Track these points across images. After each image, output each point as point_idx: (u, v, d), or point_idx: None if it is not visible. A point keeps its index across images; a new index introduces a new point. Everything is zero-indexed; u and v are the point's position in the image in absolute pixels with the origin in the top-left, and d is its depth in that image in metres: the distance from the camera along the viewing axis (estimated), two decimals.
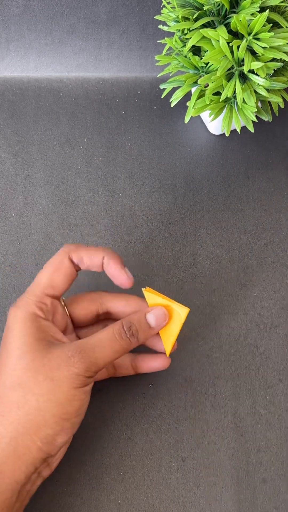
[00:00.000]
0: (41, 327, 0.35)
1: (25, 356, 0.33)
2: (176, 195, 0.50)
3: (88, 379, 0.34)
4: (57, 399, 0.32)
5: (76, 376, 0.33)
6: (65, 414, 0.32)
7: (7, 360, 0.34)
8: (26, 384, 0.32)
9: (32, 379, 0.32)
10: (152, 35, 0.55)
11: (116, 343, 0.35)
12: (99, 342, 0.34)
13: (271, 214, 0.49)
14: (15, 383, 0.33)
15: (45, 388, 0.32)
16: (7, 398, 0.32)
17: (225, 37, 0.39)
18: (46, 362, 0.33)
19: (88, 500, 0.38)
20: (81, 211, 0.49)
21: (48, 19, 0.55)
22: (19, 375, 0.33)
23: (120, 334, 0.35)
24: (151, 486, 0.39)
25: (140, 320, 0.36)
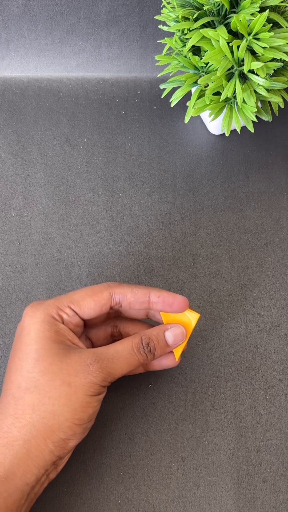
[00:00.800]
0: (59, 331, 0.35)
1: (43, 359, 0.33)
2: (176, 195, 0.50)
3: (103, 388, 0.34)
4: (73, 404, 0.33)
5: (93, 385, 0.33)
6: (78, 420, 0.33)
7: (24, 362, 0.34)
8: (42, 387, 0.33)
9: (49, 382, 0.33)
10: (152, 35, 0.55)
11: (133, 358, 0.35)
12: (118, 354, 0.35)
13: (271, 214, 0.49)
14: (31, 385, 0.33)
15: (61, 392, 0.32)
16: (23, 400, 0.33)
17: (225, 37, 0.39)
18: (64, 367, 0.33)
19: (88, 500, 0.38)
20: (81, 211, 0.49)
21: (48, 19, 0.55)
22: (36, 378, 0.33)
23: (138, 348, 0.35)
24: (151, 486, 0.39)
25: (158, 336, 0.37)
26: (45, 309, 0.35)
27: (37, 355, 0.33)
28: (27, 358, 0.34)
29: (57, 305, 0.36)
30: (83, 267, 0.47)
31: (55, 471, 0.34)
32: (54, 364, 0.33)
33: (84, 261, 0.47)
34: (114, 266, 0.47)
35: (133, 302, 0.37)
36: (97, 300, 0.36)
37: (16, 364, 0.34)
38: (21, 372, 0.33)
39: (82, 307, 0.36)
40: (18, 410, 0.32)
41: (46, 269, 0.47)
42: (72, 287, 0.46)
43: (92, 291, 0.37)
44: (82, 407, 0.33)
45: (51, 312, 0.35)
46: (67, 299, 0.36)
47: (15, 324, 0.44)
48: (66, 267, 0.47)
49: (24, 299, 0.45)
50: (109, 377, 0.34)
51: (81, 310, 0.36)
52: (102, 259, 0.47)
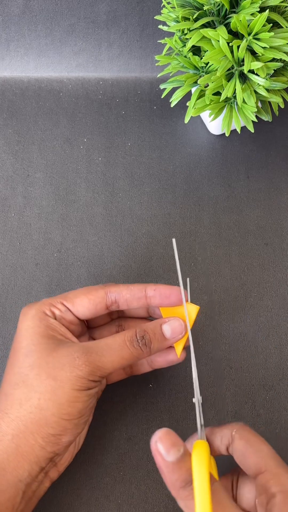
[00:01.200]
0: (49, 326, 0.34)
1: (32, 354, 0.33)
2: (176, 195, 0.50)
3: (92, 383, 0.33)
4: (58, 399, 0.32)
5: (79, 379, 0.32)
6: (65, 415, 0.32)
7: (14, 358, 0.34)
8: (29, 381, 0.32)
9: (36, 376, 0.32)
10: (152, 35, 0.55)
11: (126, 350, 0.34)
12: (108, 346, 0.33)
13: (271, 214, 0.49)
14: (19, 380, 0.33)
15: (47, 386, 0.32)
16: (11, 395, 0.32)
17: (225, 37, 0.39)
18: (51, 361, 0.32)
19: (88, 500, 0.38)
20: (81, 211, 0.49)
21: (48, 19, 0.55)
22: (25, 373, 0.33)
23: (131, 341, 0.34)
24: (151, 486, 0.39)
25: (155, 329, 0.35)
26: (37, 306, 0.35)
27: (26, 350, 0.33)
28: (18, 354, 0.34)
29: (49, 302, 0.36)
30: (83, 267, 0.47)
31: (55, 470, 0.34)
32: (42, 358, 0.33)
33: (84, 261, 0.47)
34: (114, 266, 0.47)
35: (130, 299, 0.36)
36: (91, 298, 0.36)
37: (9, 361, 0.34)
38: (12, 368, 0.33)
39: (75, 304, 0.36)
40: (7, 405, 0.32)
41: (46, 269, 0.47)
42: (72, 287, 0.46)
43: (86, 290, 0.36)
44: (69, 401, 0.32)
45: (42, 308, 0.35)
46: (61, 296, 0.36)
47: (15, 324, 0.44)
48: (66, 267, 0.47)
49: (24, 299, 0.45)
50: (97, 371, 0.32)
51: (74, 307, 0.36)
52: (102, 259, 0.47)
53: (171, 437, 0.30)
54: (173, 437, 0.30)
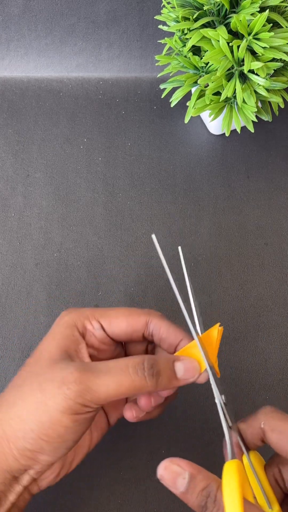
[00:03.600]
0: (70, 337, 0.32)
1: (39, 360, 0.32)
2: (176, 195, 0.50)
3: (80, 407, 0.29)
4: (40, 416, 0.29)
5: (65, 399, 0.28)
6: (44, 436, 0.29)
7: (28, 359, 0.33)
8: (23, 388, 0.30)
9: (29, 384, 0.30)
10: (152, 35, 0.55)
11: (126, 377, 0.29)
12: (107, 368, 0.29)
13: (271, 214, 0.49)
14: (17, 383, 0.31)
15: (34, 397, 0.29)
16: (4, 395, 0.31)
17: (225, 37, 0.39)
18: (48, 372, 0.30)
19: (88, 500, 0.38)
20: (81, 211, 0.49)
21: (48, 19, 0.55)
22: (24, 377, 0.31)
23: (135, 368, 0.29)
24: (151, 486, 0.39)
25: (167, 364, 0.31)
26: (73, 315, 0.33)
27: (38, 355, 0.32)
28: (31, 357, 0.33)
29: (87, 314, 0.33)
30: (83, 267, 0.47)
31: (35, 485, 0.32)
32: (43, 367, 0.31)
33: (84, 261, 0.47)
34: (114, 266, 0.47)
35: (164, 340, 0.34)
36: (130, 322, 0.33)
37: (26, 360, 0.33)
38: (20, 369, 0.33)
39: (112, 325, 0.33)
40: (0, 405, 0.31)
41: (46, 269, 0.47)
42: (72, 287, 0.46)
43: (129, 312, 0.34)
44: (50, 422, 0.28)
45: (76, 319, 0.33)
46: (100, 311, 0.34)
47: (15, 324, 0.44)
48: (66, 267, 0.47)
49: (24, 299, 0.45)
50: (87, 393, 0.28)
51: (110, 327, 0.33)
52: (102, 259, 0.47)
53: (171, 469, 0.28)
54: (174, 467, 0.28)
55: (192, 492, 0.28)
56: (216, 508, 0.27)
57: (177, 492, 0.28)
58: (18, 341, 0.44)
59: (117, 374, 0.29)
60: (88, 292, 0.45)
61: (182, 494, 0.28)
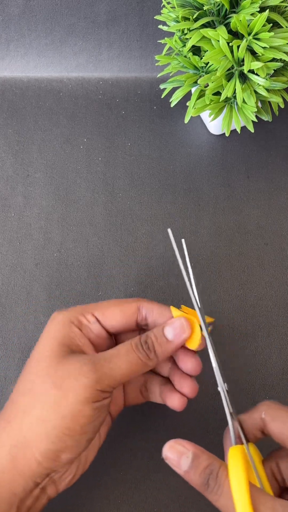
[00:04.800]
0: (69, 334, 0.33)
1: (43, 360, 0.32)
2: (176, 195, 0.50)
3: (100, 394, 0.30)
4: (62, 410, 0.30)
5: (85, 388, 0.30)
6: (67, 430, 0.30)
7: (28, 364, 0.33)
8: (36, 390, 0.31)
9: (42, 384, 0.31)
10: (152, 35, 0.55)
11: (132, 354, 0.32)
12: (115, 351, 0.32)
13: (271, 214, 0.49)
14: (26, 388, 0.31)
15: (51, 396, 0.30)
16: (17, 403, 0.31)
17: (225, 37, 0.39)
18: (60, 369, 0.31)
19: (88, 500, 0.38)
20: (81, 211, 0.49)
21: (48, 19, 0.55)
22: (32, 380, 0.31)
23: (136, 345, 0.33)
24: (151, 486, 0.39)
25: (157, 333, 0.34)
26: (66, 313, 0.34)
27: (39, 356, 0.32)
28: (32, 360, 0.33)
29: (80, 310, 0.34)
30: (83, 267, 0.47)
31: (53, 487, 0.32)
32: (51, 367, 0.31)
33: (84, 261, 0.47)
34: (114, 266, 0.47)
35: (158, 321, 0.35)
36: (123, 310, 0.35)
37: (25, 366, 0.33)
38: (24, 374, 0.32)
39: (106, 316, 0.34)
40: (11, 413, 0.31)
41: (46, 269, 0.47)
42: (72, 287, 0.46)
43: (119, 302, 0.35)
44: (72, 415, 0.30)
45: (70, 316, 0.34)
46: (93, 306, 0.35)
47: (15, 324, 0.44)
48: (66, 267, 0.47)
49: (24, 299, 0.45)
50: (105, 379, 0.30)
51: (105, 318, 0.34)
52: (102, 259, 0.47)
53: (176, 449, 0.30)
54: (178, 447, 0.30)
55: (195, 471, 0.29)
56: (217, 485, 0.28)
57: (180, 471, 0.29)
58: (18, 341, 0.44)
59: (124, 354, 0.32)
60: (88, 292, 0.45)
61: (186, 473, 0.29)
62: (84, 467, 0.34)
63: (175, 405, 0.36)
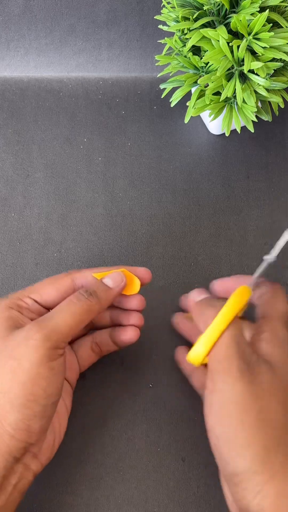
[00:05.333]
0: (12, 317, 0.34)
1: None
2: (176, 195, 0.50)
3: (53, 351, 0.31)
4: (19, 378, 0.30)
5: (36, 349, 0.30)
6: (30, 395, 0.30)
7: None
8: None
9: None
10: (152, 35, 0.55)
11: (74, 305, 0.33)
12: (57, 309, 0.33)
13: (271, 214, 0.49)
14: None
15: (7, 368, 0.31)
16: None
17: (225, 37, 0.39)
18: (8, 343, 0.32)
19: (88, 500, 0.38)
20: (81, 211, 0.49)
21: (48, 19, 0.55)
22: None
23: (77, 297, 0.34)
24: (151, 486, 0.39)
25: (96, 283, 0.36)
26: (4, 300, 0.35)
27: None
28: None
29: (17, 296, 0.36)
30: (83, 267, 0.47)
31: (36, 462, 0.32)
32: (1, 344, 0.32)
33: (84, 261, 0.47)
34: (114, 266, 0.47)
35: None
36: (57, 287, 0.36)
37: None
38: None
39: (43, 295, 0.36)
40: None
41: (46, 269, 0.47)
42: None
43: (53, 279, 0.37)
44: (31, 379, 0.30)
45: (8, 302, 0.35)
46: (28, 289, 0.36)
47: None
48: (66, 267, 0.47)
49: None
50: (53, 335, 0.31)
51: (41, 298, 0.36)
52: (102, 259, 0.47)
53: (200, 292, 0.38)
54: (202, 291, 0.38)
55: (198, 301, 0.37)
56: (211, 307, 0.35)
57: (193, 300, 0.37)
58: None
59: (67, 308, 0.33)
60: None
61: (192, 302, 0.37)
62: (60, 437, 0.35)
63: (130, 336, 0.38)
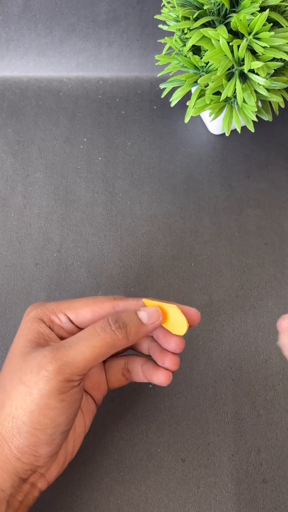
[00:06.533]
0: (38, 330, 0.33)
1: (12, 358, 0.32)
2: (176, 195, 0.50)
3: (66, 384, 0.29)
4: (28, 406, 0.29)
5: (47, 381, 0.29)
6: (37, 424, 0.29)
7: (5, 361, 0.33)
8: (6, 387, 0.31)
9: (10, 382, 0.30)
10: (152, 34, 0.55)
11: (96, 337, 0.30)
12: (76, 338, 0.31)
13: (271, 214, 0.49)
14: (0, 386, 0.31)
15: (18, 393, 0.30)
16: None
17: (225, 37, 0.39)
18: (23, 365, 0.30)
19: (88, 501, 0.38)
20: (81, 211, 0.49)
21: (48, 19, 0.55)
22: (4, 377, 0.31)
23: (102, 327, 0.31)
24: (151, 486, 0.39)
25: (130, 314, 0.32)
26: (39, 310, 0.34)
27: (10, 354, 0.32)
28: (7, 358, 0.33)
29: (52, 309, 0.34)
30: (83, 267, 0.47)
31: (43, 480, 0.32)
32: (17, 363, 0.31)
33: (84, 261, 0.47)
34: (114, 266, 0.47)
35: None
36: (96, 310, 0.33)
37: None
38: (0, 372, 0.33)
39: (79, 315, 0.34)
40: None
41: (46, 269, 0.47)
42: (72, 287, 0.46)
43: (93, 301, 0.34)
44: (39, 409, 0.29)
45: (42, 313, 0.33)
46: (66, 305, 0.34)
47: (15, 324, 0.44)
48: (66, 267, 0.47)
49: (24, 299, 0.45)
50: (66, 368, 0.29)
51: (76, 317, 0.34)
52: (102, 259, 0.47)
53: None
54: None
55: None
56: None
57: None
58: None
59: (87, 338, 0.30)
60: (88, 292, 0.45)
61: None
62: (71, 456, 0.34)
63: (161, 381, 0.35)
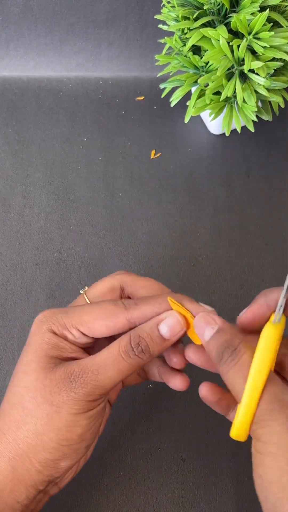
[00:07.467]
0: (58, 344, 0.32)
1: (30, 373, 0.31)
2: (176, 195, 0.50)
3: (92, 403, 0.31)
4: (56, 424, 0.30)
5: (77, 402, 0.30)
6: (64, 441, 0.30)
7: (15, 374, 0.32)
8: (26, 404, 0.31)
9: (32, 400, 0.31)
10: (152, 34, 0.55)
11: (122, 363, 0.31)
12: (103, 362, 0.31)
13: (271, 214, 0.49)
14: (16, 401, 0.31)
15: (43, 411, 0.30)
16: (8, 416, 0.31)
17: (225, 37, 0.39)
18: (48, 384, 0.31)
19: (88, 501, 0.38)
20: (80, 211, 0.49)
21: (48, 19, 0.55)
22: (21, 393, 0.31)
23: (126, 352, 0.31)
24: (151, 486, 0.39)
25: (151, 332, 0.31)
26: (52, 323, 0.33)
27: (26, 367, 0.32)
28: (18, 370, 0.32)
29: (63, 323, 0.33)
30: (83, 267, 0.47)
31: (55, 487, 0.32)
32: (39, 380, 0.31)
33: (84, 261, 0.47)
34: (114, 266, 0.47)
35: None
36: (110, 325, 0.32)
37: (13, 374, 0.33)
38: (12, 383, 0.32)
39: (92, 329, 0.32)
40: (5, 425, 0.31)
41: (46, 269, 0.46)
42: (72, 287, 0.46)
43: (105, 313, 0.32)
44: (67, 426, 0.30)
45: (55, 329, 0.33)
46: (77, 319, 0.33)
47: (15, 324, 0.44)
48: (66, 267, 0.47)
49: (24, 299, 0.45)
50: (96, 390, 0.30)
51: (89, 331, 0.32)
52: (102, 259, 0.47)
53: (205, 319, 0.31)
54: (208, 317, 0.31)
55: (215, 342, 0.30)
56: (231, 358, 0.29)
57: (203, 340, 0.31)
58: (18, 341, 0.43)
59: (113, 364, 0.31)
60: None
61: (206, 343, 0.31)
62: (85, 460, 0.34)
63: (177, 386, 0.35)
